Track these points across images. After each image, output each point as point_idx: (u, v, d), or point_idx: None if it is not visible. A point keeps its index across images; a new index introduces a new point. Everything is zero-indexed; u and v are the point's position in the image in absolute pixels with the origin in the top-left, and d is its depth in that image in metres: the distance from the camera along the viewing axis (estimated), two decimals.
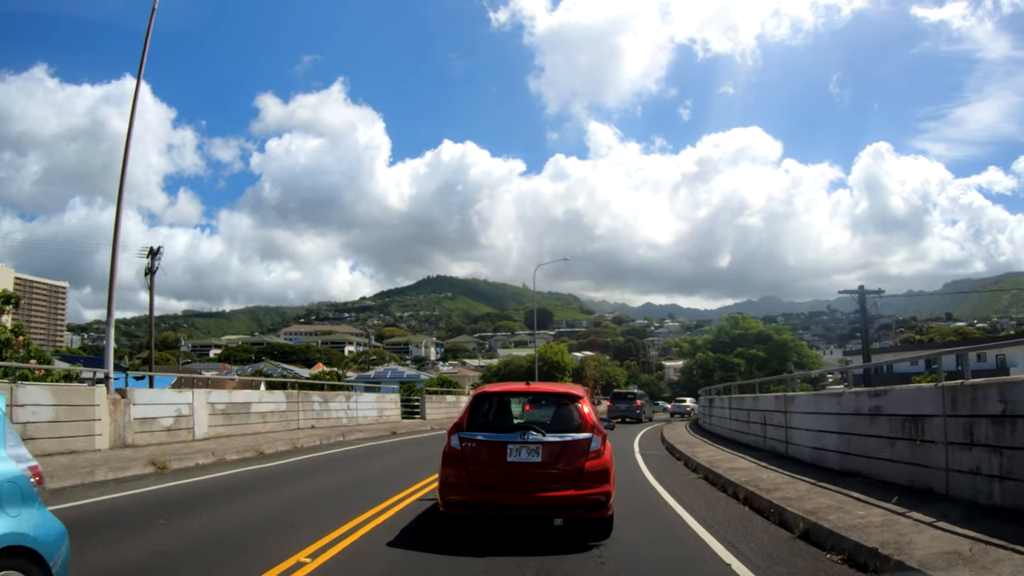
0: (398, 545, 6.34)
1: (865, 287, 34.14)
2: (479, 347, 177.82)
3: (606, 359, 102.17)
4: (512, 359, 73.16)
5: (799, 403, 11.92)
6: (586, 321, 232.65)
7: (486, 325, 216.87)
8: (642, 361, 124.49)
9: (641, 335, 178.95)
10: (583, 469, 6.43)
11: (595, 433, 6.66)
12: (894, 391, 8.50)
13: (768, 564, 5.73)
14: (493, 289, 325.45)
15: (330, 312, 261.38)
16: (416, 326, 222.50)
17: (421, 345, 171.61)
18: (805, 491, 8.50)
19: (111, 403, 13.74)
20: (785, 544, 6.49)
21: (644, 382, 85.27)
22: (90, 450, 13.06)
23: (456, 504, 6.52)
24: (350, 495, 9.43)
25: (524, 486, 6.44)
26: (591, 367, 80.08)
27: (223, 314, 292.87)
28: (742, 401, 17.34)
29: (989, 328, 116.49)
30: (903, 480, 8.09)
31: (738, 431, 17.29)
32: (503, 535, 6.67)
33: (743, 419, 16.62)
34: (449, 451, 6.76)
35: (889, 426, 8.43)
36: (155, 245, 39.52)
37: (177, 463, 12.10)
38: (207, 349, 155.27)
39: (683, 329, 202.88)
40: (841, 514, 6.94)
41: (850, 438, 9.52)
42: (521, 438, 6.57)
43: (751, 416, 15.65)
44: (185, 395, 15.76)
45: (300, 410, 19.39)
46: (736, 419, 17.51)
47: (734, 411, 18.04)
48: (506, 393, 7.75)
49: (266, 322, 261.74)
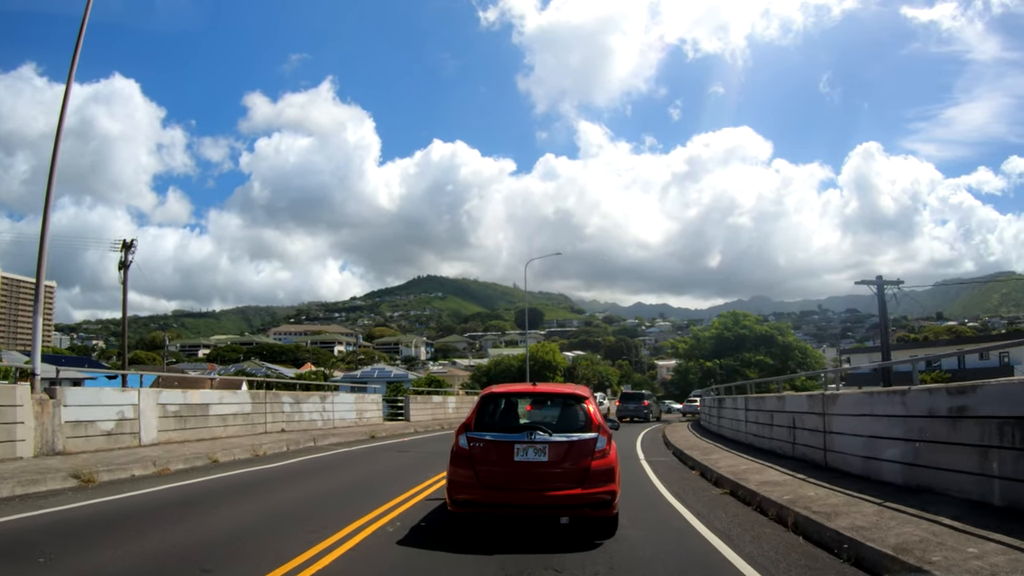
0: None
1: (882, 278, 31.40)
2: (469, 347, 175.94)
3: (598, 358, 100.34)
4: (502, 358, 71.16)
5: (844, 404, 10.11)
6: (577, 321, 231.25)
7: (476, 325, 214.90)
8: (634, 360, 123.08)
9: (632, 335, 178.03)
10: (589, 468, 6.48)
11: (601, 433, 6.69)
12: (988, 387, 6.73)
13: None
14: (483, 289, 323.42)
15: (320, 312, 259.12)
16: (407, 326, 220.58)
17: (411, 345, 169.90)
18: (875, 516, 6.70)
19: (37, 404, 11.80)
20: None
21: (637, 381, 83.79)
22: (9, 458, 11.15)
23: (464, 503, 6.52)
24: (287, 527, 7.37)
25: (531, 485, 6.47)
26: (583, 366, 78.51)
27: (213, 314, 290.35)
28: (762, 401, 15.57)
29: (980, 327, 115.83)
30: (1000, 499, 6.37)
31: (756, 435, 15.56)
32: (510, 534, 6.64)
33: (763, 421, 14.87)
34: (457, 451, 6.73)
35: (980, 432, 6.67)
36: (129, 238, 37.67)
37: (108, 474, 10.21)
38: (196, 349, 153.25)
39: (674, 329, 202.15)
40: (947, 552, 5.17)
41: (920, 446, 7.74)
42: (528, 438, 6.58)
43: (774, 419, 13.88)
44: (128, 395, 13.73)
45: (268, 412, 17.44)
46: (755, 421, 15.76)
47: (751, 412, 16.29)
48: (513, 394, 7.71)
49: (256, 322, 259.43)
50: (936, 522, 6.16)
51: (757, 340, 42.47)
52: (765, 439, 14.64)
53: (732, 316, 45.53)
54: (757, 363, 40.57)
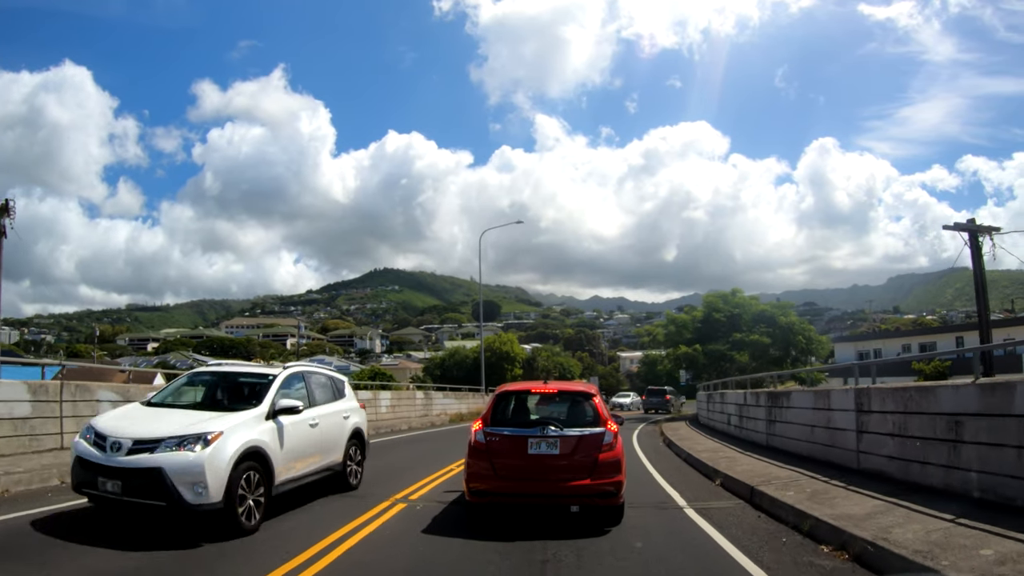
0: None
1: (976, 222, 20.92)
2: (425, 339, 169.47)
3: (558, 350, 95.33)
4: (457, 350, 65.14)
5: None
6: (534, 313, 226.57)
7: (433, 317, 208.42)
8: (595, 352, 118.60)
9: (591, 327, 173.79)
10: (597, 460, 6.93)
11: (608, 427, 7.15)
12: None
13: None
14: (440, 282, 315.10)
15: (276, 305, 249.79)
16: (362, 319, 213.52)
17: (366, 337, 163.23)
18: None
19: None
20: None
21: (601, 373, 79.04)
22: None
23: (481, 493, 6.98)
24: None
25: (544, 476, 6.95)
26: (543, 357, 73.40)
27: (167, 308, 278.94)
28: (829, 398, 10.32)
29: (940, 320, 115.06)
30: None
31: (825, 444, 10.32)
32: (524, 522, 7.06)
33: (846, 425, 9.58)
34: (475, 445, 7.15)
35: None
36: (5, 199, 30.56)
37: None
38: (145, 343, 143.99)
39: (633, 321, 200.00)
40: None
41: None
42: (541, 432, 7.07)
43: (867, 421, 8.56)
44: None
45: (67, 416, 11.06)
46: (825, 425, 10.49)
47: (806, 412, 11.02)
48: (525, 391, 8.20)
49: (211, 316, 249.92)
50: None
51: (753, 320, 35.12)
52: (832, 448, 9.37)
53: (721, 295, 37.97)
54: (751, 344, 33.60)
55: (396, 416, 25.45)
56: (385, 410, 25.10)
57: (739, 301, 36.86)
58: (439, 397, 33.06)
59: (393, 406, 26.12)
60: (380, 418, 23.73)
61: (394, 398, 26.96)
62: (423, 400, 30.44)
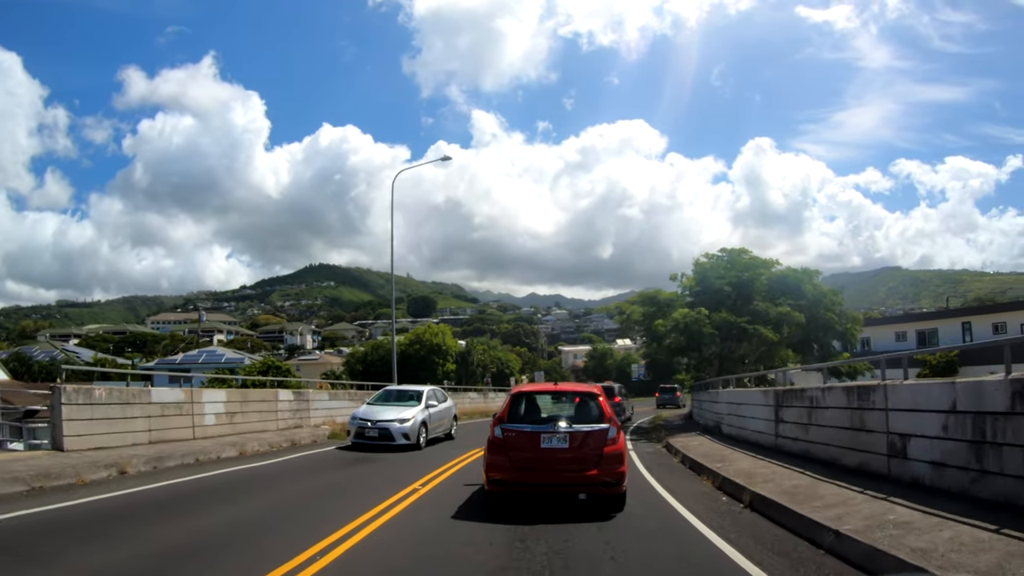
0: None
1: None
2: (359, 335, 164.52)
3: (495, 344, 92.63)
4: (382, 344, 62.06)
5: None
6: (470, 309, 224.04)
7: (368, 313, 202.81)
8: (534, 347, 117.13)
9: (529, 322, 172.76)
10: (602, 453, 7.79)
11: (611, 424, 8.02)
12: None
13: None
14: (375, 278, 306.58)
15: (209, 301, 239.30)
16: (296, 315, 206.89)
17: (297, 333, 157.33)
18: None
19: None
20: None
21: (546, 368, 77.25)
22: None
23: (499, 483, 7.94)
24: None
25: (555, 467, 7.83)
26: (479, 351, 70.76)
27: (98, 304, 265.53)
28: None
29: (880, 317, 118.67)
30: None
31: None
32: (535, 509, 7.92)
33: None
34: (493, 439, 8.12)
35: None
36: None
37: None
38: (67, 339, 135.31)
39: (571, 317, 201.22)
40: None
41: None
42: (552, 428, 8.01)
43: None
44: None
45: None
46: None
47: None
48: (538, 392, 9.37)
49: (143, 312, 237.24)
50: None
51: (769, 290, 26.44)
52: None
53: (723, 257, 28.09)
54: (776, 319, 24.77)
55: (235, 431, 17.30)
56: (212, 421, 16.55)
57: (749, 262, 27.53)
58: (322, 399, 23.37)
59: (230, 413, 17.38)
60: (205, 434, 15.99)
61: (232, 401, 17.85)
62: (292, 404, 20.80)
